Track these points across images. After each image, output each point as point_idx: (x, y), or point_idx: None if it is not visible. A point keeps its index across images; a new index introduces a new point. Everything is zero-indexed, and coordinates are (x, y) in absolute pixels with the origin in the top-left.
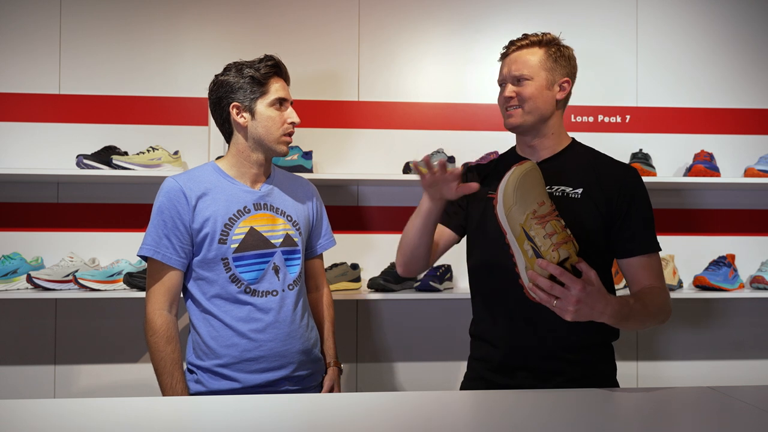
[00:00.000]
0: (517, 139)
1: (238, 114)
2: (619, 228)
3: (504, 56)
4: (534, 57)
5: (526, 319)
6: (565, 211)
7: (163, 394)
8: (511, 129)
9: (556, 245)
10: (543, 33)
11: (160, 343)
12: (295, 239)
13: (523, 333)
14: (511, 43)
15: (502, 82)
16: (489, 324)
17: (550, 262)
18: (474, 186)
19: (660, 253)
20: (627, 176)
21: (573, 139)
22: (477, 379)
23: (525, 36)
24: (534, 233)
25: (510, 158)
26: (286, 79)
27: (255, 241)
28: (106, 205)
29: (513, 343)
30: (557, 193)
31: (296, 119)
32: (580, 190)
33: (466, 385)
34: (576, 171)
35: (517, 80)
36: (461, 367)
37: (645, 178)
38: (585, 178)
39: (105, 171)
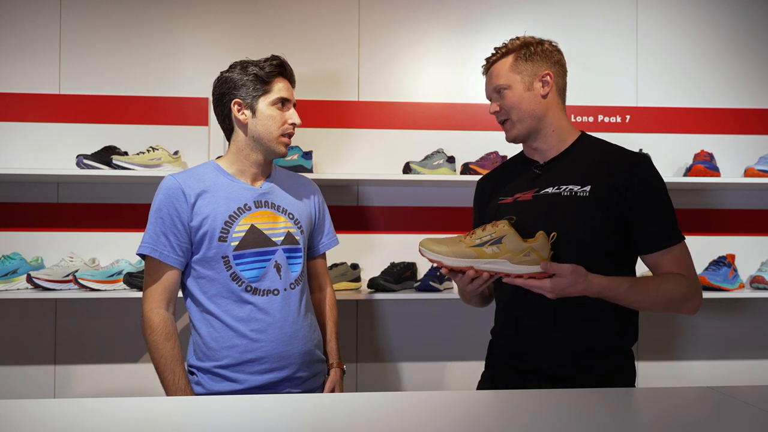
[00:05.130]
0: (523, 144)
1: (239, 111)
2: (635, 223)
3: (484, 74)
4: (505, 66)
5: (537, 324)
6: (573, 211)
7: (166, 392)
8: (512, 141)
9: (495, 224)
10: (511, 40)
11: (159, 341)
12: (297, 237)
13: (534, 338)
14: (486, 60)
15: (489, 99)
16: (502, 327)
17: (514, 277)
18: (485, 277)
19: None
20: (637, 167)
21: (582, 132)
22: (488, 378)
23: (495, 50)
24: (478, 239)
25: (518, 162)
26: (290, 80)
27: (256, 238)
28: (106, 205)
29: (523, 348)
30: (565, 193)
31: (297, 120)
32: (588, 188)
33: (481, 384)
34: (584, 167)
35: (498, 93)
36: (461, 367)
37: None
38: (594, 174)
39: (105, 171)
